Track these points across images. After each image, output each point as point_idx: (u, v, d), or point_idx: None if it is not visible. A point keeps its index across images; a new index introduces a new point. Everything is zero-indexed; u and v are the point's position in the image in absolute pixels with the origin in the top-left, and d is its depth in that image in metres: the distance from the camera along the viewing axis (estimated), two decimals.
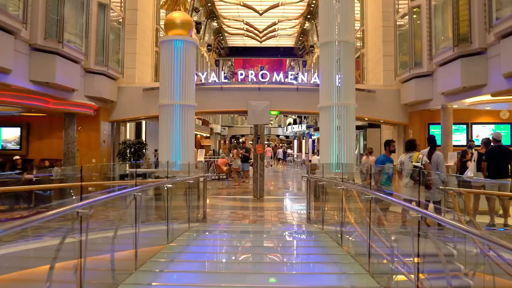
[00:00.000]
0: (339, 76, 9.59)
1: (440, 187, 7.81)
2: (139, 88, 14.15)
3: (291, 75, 13.86)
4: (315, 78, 13.72)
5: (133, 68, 14.59)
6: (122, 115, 14.25)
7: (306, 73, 13.97)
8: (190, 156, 9.96)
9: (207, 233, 8.13)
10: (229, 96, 14.14)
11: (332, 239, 7.29)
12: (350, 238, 6.78)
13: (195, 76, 13.86)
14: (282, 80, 13.79)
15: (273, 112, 14.21)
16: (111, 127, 14.28)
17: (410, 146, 8.26)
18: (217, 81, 13.74)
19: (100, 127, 13.36)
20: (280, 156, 33.35)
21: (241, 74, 13.98)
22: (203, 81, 13.86)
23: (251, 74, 13.70)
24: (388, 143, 8.25)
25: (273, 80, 13.84)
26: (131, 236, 5.28)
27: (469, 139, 12.78)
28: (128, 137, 15.77)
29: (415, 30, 12.52)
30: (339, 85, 9.60)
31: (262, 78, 13.81)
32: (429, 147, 8.45)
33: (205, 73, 13.80)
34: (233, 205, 12.31)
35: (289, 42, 37.80)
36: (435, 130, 13.04)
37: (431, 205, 7.74)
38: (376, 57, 15.40)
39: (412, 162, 8.14)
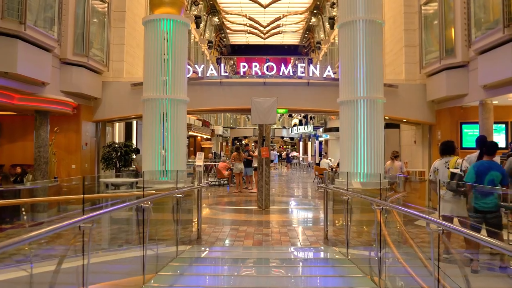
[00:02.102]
0: (364, 63, 7.79)
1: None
2: (127, 83, 12.39)
3: (301, 67, 12.07)
4: (328, 71, 11.92)
5: (121, 61, 12.83)
6: (107, 114, 12.49)
7: (318, 65, 12.19)
8: (182, 161, 8.13)
9: (199, 264, 6.33)
10: (230, 92, 12.37)
11: (364, 272, 5.50)
12: (393, 275, 5.00)
13: (188, 68, 12.11)
14: (291, 74, 12.00)
15: (280, 110, 12.43)
16: (95, 128, 12.52)
17: (447, 149, 6.49)
18: (216, 75, 11.97)
19: (81, 128, 11.60)
20: (273, 158, 31.54)
21: (244, 67, 12.19)
22: (200, 75, 12.09)
23: (255, 66, 11.92)
24: (494, 144, 6.10)
25: (280, 74, 12.05)
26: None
27: (511, 141, 10.95)
28: (117, 139, 14.02)
29: (446, 13, 10.73)
30: (363, 75, 7.78)
31: (267, 71, 12.03)
32: (478, 151, 6.69)
33: (202, 66, 12.03)
34: (234, 219, 10.55)
35: (293, 40, 36.36)
36: (469, 131, 11.24)
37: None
38: (396, 49, 13.60)
39: (449, 168, 6.40)
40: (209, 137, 32.88)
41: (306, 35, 34.97)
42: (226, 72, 12.38)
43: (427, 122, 12.38)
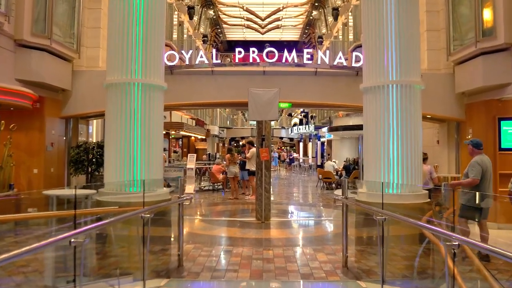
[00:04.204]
0: (396, 37, 5.91)
1: None
2: (104, 73, 10.46)
3: (307, 53, 10.22)
4: (339, 58, 10.08)
5: (97, 48, 10.95)
6: (80, 109, 10.60)
7: (327, 51, 10.34)
8: (157, 166, 6.18)
9: None
10: (224, 82, 10.51)
11: None
12: None
13: (174, 54, 10.25)
14: (295, 61, 10.14)
15: (282, 105, 10.58)
16: (64, 126, 10.64)
17: None
18: (206, 62, 10.10)
19: (45, 125, 9.71)
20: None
21: (240, 53, 10.32)
22: (187, 63, 10.23)
23: (253, 52, 10.06)
24: None
25: (283, 61, 10.20)
26: None
27: None
28: (94, 138, 12.12)
29: None
30: (395, 52, 5.89)
31: (267, 58, 10.18)
32: None
33: (191, 52, 10.17)
34: (227, 235, 8.70)
35: (293, 36, 34.77)
36: (510, 128, 9.40)
37: None
38: None
39: None
40: (204, 137, 31.07)
41: (306, 31, 33.45)
42: (219, 60, 10.48)
43: (455, 118, 10.55)
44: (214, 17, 30.10)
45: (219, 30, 33.60)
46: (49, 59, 9.20)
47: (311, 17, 30.31)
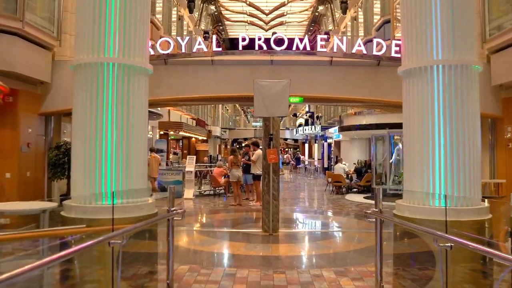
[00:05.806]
0: (447, 5, 4.58)
1: None
2: None
3: (321, 40, 8.91)
4: (358, 46, 8.77)
5: None
6: (62, 104, 9.32)
7: (344, 38, 9.03)
8: (139, 172, 4.84)
9: None
10: (225, 74, 9.23)
11: None
12: None
13: (168, 41, 8.96)
14: (307, 48, 8.84)
15: (292, 99, 9.27)
16: (44, 123, 9.37)
17: None
18: (205, 50, 8.80)
19: (19, 123, 8.46)
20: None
21: (244, 40, 9.00)
22: (183, 51, 8.94)
23: (259, 39, 8.75)
24: None
25: (294, 49, 8.90)
26: None
27: None
28: None
29: None
30: (445, 23, 4.56)
31: (276, 45, 8.87)
32: None
33: (188, 38, 8.87)
34: (230, 252, 7.39)
35: (298, 33, 33.65)
36: None
37: None
38: None
39: None
40: (205, 138, 29.81)
41: (311, 28, 32.34)
42: (220, 48, 9.15)
43: (490, 114, 9.25)
44: (216, 13, 28.98)
45: (221, 27, 32.53)
46: (22, 46, 7.93)
47: (316, 13, 29.19)
